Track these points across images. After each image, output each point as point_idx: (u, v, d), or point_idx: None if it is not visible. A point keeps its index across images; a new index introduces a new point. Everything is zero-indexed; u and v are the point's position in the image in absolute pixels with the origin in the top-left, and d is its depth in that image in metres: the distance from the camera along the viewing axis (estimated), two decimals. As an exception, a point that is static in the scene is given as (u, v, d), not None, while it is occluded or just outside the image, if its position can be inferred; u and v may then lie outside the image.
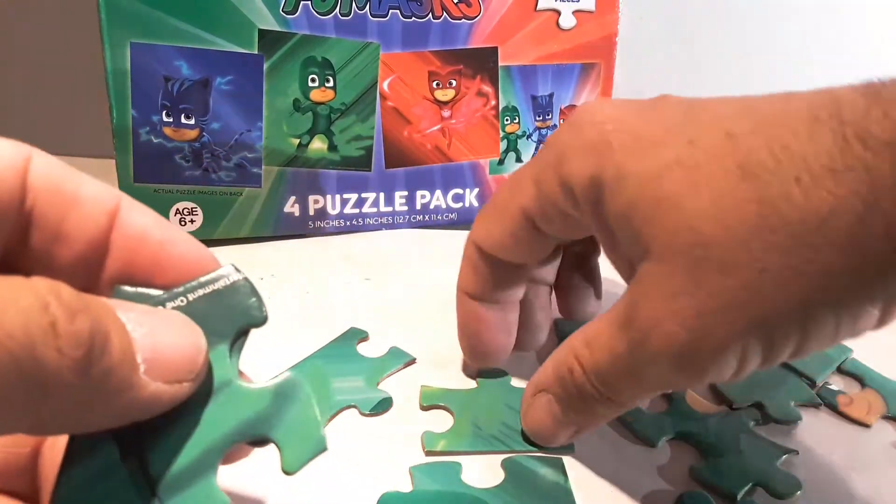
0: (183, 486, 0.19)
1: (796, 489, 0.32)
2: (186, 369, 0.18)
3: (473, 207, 0.59)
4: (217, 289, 0.21)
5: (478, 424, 0.35)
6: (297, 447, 0.21)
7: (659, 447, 0.34)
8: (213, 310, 0.21)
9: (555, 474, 0.32)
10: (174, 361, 0.18)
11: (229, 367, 0.21)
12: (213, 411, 0.20)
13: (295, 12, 0.50)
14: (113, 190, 0.21)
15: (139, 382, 0.17)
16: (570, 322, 0.44)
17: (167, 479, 0.19)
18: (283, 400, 0.21)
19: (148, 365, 0.17)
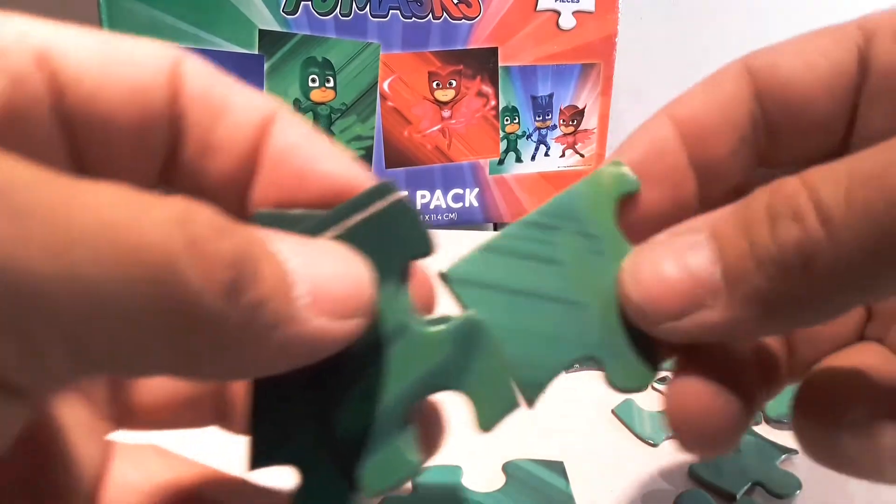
0: (372, 448, 0.18)
1: (795, 489, 0.32)
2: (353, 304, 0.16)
3: (473, 207, 0.59)
4: (375, 212, 0.18)
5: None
6: (491, 402, 0.18)
7: (659, 446, 0.35)
8: (373, 238, 0.18)
9: (556, 478, 0.32)
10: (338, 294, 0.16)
11: (401, 308, 0.18)
12: (393, 361, 0.18)
13: (295, 13, 0.50)
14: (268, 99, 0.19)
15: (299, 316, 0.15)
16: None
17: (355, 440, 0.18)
18: (468, 346, 0.18)
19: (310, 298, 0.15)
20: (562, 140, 0.59)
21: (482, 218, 0.60)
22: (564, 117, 0.58)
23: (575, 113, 0.58)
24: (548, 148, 0.59)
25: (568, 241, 0.19)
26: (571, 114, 0.58)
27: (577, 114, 0.58)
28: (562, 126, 0.58)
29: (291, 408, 0.18)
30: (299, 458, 0.18)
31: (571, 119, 0.58)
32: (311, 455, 0.18)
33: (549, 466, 0.32)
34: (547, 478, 0.32)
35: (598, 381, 0.39)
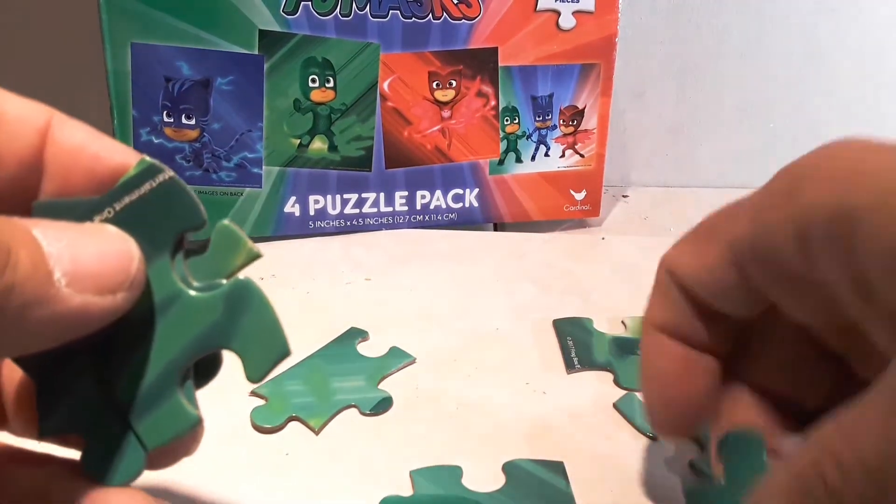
0: (150, 408, 0.19)
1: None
2: (117, 279, 0.18)
3: (473, 207, 0.59)
4: (144, 192, 0.19)
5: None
6: (259, 354, 0.20)
7: (660, 441, 0.35)
8: (144, 216, 0.19)
9: (556, 478, 0.32)
10: (101, 271, 0.17)
11: (174, 278, 0.19)
12: (166, 328, 0.19)
13: (295, 13, 0.50)
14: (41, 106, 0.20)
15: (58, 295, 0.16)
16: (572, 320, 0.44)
17: (133, 399, 0.19)
18: (237, 306, 0.19)
19: (70, 278, 0.16)
20: (562, 140, 0.59)
21: (482, 218, 0.60)
22: (564, 117, 0.58)
23: (575, 113, 0.58)
24: (548, 148, 0.59)
25: None
26: (571, 114, 0.58)
27: (577, 114, 0.58)
28: (562, 126, 0.58)
29: (73, 378, 0.20)
30: (85, 424, 0.20)
31: (571, 119, 0.58)
32: (95, 420, 0.20)
33: (549, 466, 0.32)
34: (547, 478, 0.32)
35: (598, 379, 0.39)
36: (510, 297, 0.48)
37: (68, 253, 0.17)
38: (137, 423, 0.19)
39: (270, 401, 0.36)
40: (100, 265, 0.17)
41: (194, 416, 0.20)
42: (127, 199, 0.19)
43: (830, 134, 0.22)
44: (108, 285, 0.17)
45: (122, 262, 0.18)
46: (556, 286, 0.49)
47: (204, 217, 0.20)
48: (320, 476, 0.32)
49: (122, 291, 0.18)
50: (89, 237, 0.18)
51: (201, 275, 0.20)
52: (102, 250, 0.18)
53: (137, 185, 0.19)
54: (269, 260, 0.52)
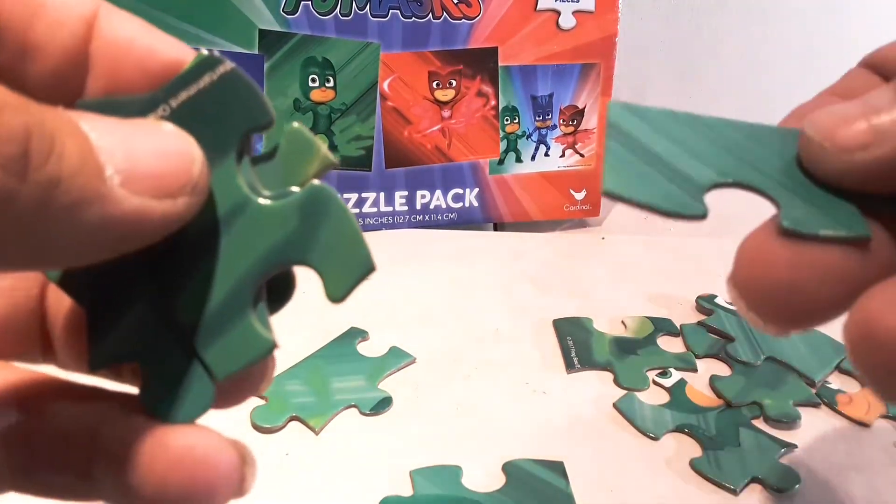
0: (219, 331, 0.17)
1: (795, 483, 0.32)
2: (178, 181, 0.15)
3: (473, 207, 0.59)
4: (203, 87, 0.17)
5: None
6: (341, 269, 0.17)
7: (660, 440, 0.35)
8: (204, 114, 0.17)
9: (556, 478, 0.32)
10: (160, 171, 0.15)
11: (241, 185, 0.17)
12: (234, 240, 0.17)
13: (295, 12, 0.50)
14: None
15: (111, 195, 0.14)
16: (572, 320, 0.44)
17: (197, 323, 0.17)
18: (314, 216, 0.17)
19: (124, 176, 0.14)
20: (562, 140, 0.59)
21: (482, 218, 0.60)
22: (564, 117, 0.58)
23: (575, 113, 0.58)
24: (548, 148, 0.59)
25: None
26: (571, 114, 0.58)
27: (577, 114, 0.58)
28: (562, 126, 0.58)
29: (129, 300, 0.17)
30: (143, 352, 0.17)
31: (571, 119, 0.58)
32: (155, 348, 0.17)
33: (549, 466, 0.32)
34: (547, 478, 0.32)
35: (598, 379, 0.39)
36: (510, 297, 0.48)
37: (122, 148, 0.15)
38: (205, 349, 0.17)
39: (270, 401, 0.36)
40: (158, 164, 0.15)
41: (269, 340, 0.17)
42: (184, 95, 0.17)
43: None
44: (169, 188, 0.15)
45: (183, 162, 0.16)
46: (556, 286, 0.49)
47: (271, 113, 0.17)
48: (320, 476, 0.32)
49: (184, 196, 0.16)
50: (145, 133, 0.16)
51: (271, 183, 0.18)
52: (161, 148, 0.16)
53: (195, 78, 0.17)
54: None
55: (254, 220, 0.17)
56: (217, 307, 0.17)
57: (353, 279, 0.17)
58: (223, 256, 0.17)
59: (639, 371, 0.40)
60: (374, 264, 0.17)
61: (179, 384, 0.17)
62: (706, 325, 0.44)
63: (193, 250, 0.17)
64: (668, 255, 0.56)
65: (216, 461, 0.17)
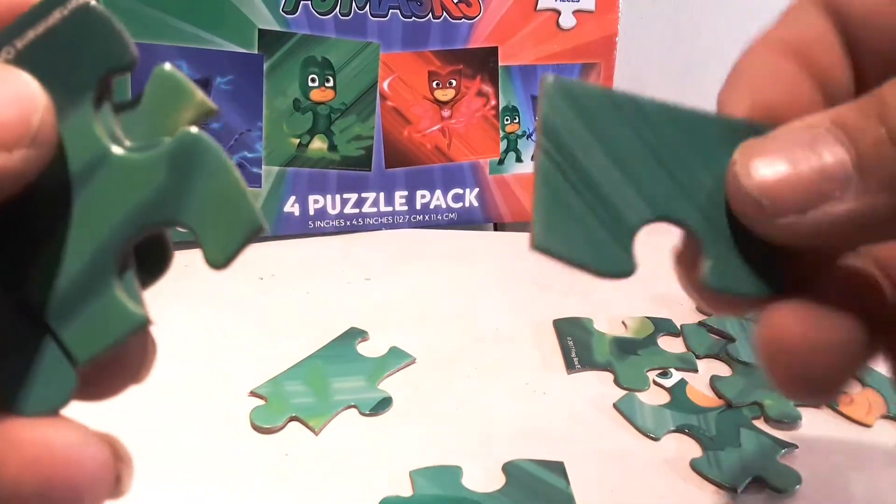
0: (77, 308, 0.14)
1: (795, 483, 0.32)
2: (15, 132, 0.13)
3: (473, 207, 0.59)
4: (53, 24, 0.14)
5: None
6: (221, 230, 0.14)
7: (660, 440, 0.35)
8: (54, 55, 0.14)
9: (556, 478, 0.32)
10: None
11: (100, 135, 0.15)
12: (93, 199, 0.15)
13: (295, 12, 0.50)
14: None
15: None
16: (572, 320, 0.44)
17: (53, 301, 0.15)
18: (187, 168, 0.15)
19: None
20: (562, 140, 0.59)
21: (482, 218, 0.60)
22: (564, 117, 0.58)
23: (575, 113, 0.58)
24: (548, 148, 0.59)
25: None
26: (571, 113, 0.58)
27: (577, 113, 0.58)
28: (562, 126, 0.58)
29: None
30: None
31: (571, 119, 0.58)
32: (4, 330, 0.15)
33: (549, 466, 0.32)
34: (547, 478, 0.32)
35: (598, 379, 0.39)
36: (510, 297, 0.48)
37: None
38: (62, 329, 0.15)
39: (270, 401, 0.36)
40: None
41: (139, 314, 0.15)
42: (31, 34, 0.14)
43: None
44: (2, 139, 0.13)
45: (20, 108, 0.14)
46: (556, 286, 0.49)
47: (133, 53, 0.15)
48: (320, 476, 0.32)
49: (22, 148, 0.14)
50: None
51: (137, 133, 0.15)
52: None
53: (44, 14, 0.14)
54: (269, 260, 0.52)
55: (115, 175, 0.15)
56: (75, 279, 0.15)
57: (237, 240, 0.15)
58: (80, 219, 0.15)
59: (639, 371, 0.40)
60: (262, 222, 0.15)
61: (34, 371, 0.15)
62: (707, 325, 0.44)
63: (45, 214, 0.15)
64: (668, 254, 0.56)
65: (79, 458, 0.14)
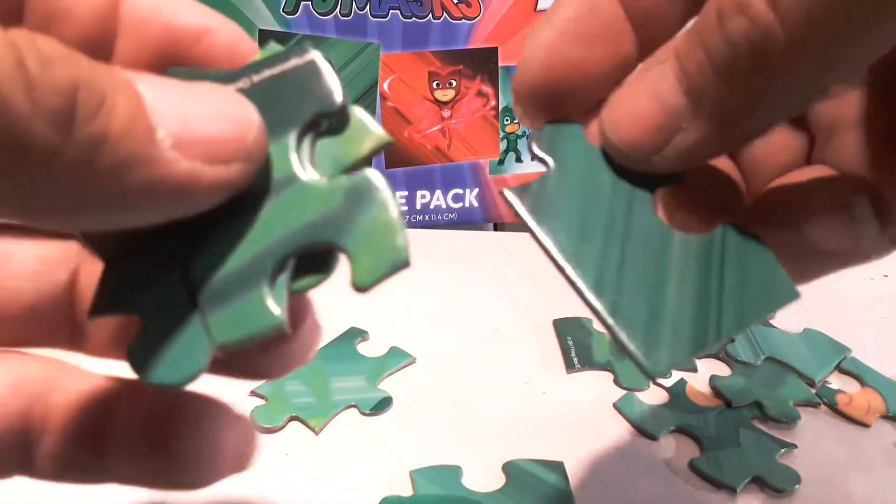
0: (228, 298, 0.16)
1: (795, 483, 0.32)
2: (232, 147, 0.15)
3: (473, 207, 0.59)
4: (288, 68, 0.17)
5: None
6: (373, 258, 0.16)
7: (660, 440, 0.35)
8: (278, 92, 0.17)
9: (556, 478, 0.32)
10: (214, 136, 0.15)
11: (294, 162, 0.17)
12: (272, 211, 0.16)
13: (295, 12, 0.50)
14: None
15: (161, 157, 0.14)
16: (572, 320, 0.44)
17: (210, 286, 0.16)
18: (358, 200, 0.17)
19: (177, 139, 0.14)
20: (562, 140, 0.59)
21: (482, 218, 0.60)
22: (564, 117, 0.58)
23: (575, 113, 0.58)
24: (548, 148, 0.59)
25: None
26: (571, 114, 0.58)
27: (577, 114, 0.59)
28: (562, 126, 0.59)
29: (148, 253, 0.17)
30: (147, 305, 0.16)
31: (571, 119, 0.59)
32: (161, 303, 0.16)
33: (549, 466, 0.32)
34: (547, 478, 0.32)
35: (598, 379, 0.39)
36: (510, 297, 0.48)
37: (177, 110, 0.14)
38: (210, 312, 0.16)
39: (270, 401, 0.36)
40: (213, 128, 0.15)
41: (276, 318, 0.16)
42: (268, 73, 0.17)
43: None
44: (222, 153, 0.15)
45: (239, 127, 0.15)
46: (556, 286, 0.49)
47: (342, 103, 0.17)
48: (320, 476, 0.32)
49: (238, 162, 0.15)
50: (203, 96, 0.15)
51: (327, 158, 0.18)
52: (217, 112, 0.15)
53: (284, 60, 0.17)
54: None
55: (297, 194, 0.17)
56: (234, 272, 0.16)
57: (384, 269, 0.17)
58: (256, 225, 0.16)
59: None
60: (409, 260, 0.17)
61: (174, 344, 0.16)
62: (706, 325, 0.44)
63: (229, 214, 0.16)
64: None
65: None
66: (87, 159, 0.13)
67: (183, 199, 0.15)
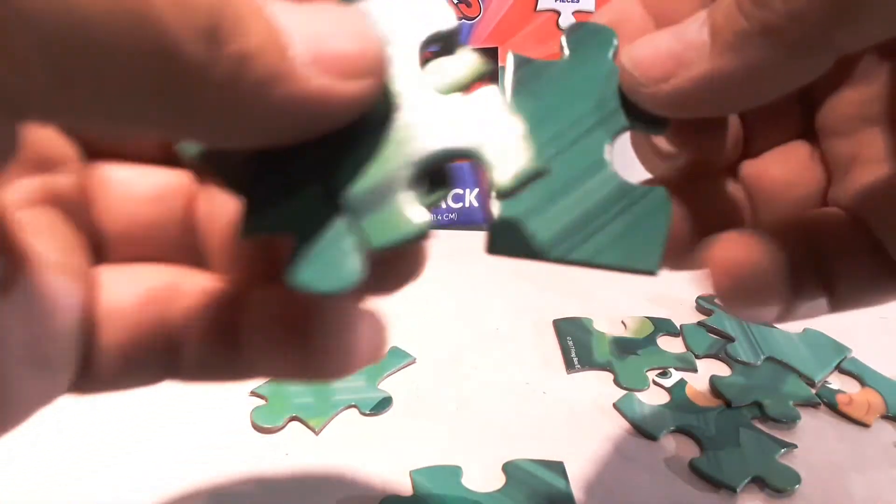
0: (374, 204, 0.17)
1: (795, 483, 0.32)
2: (361, 62, 0.15)
3: (473, 207, 0.59)
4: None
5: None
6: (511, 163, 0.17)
7: (660, 440, 0.35)
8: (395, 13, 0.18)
9: (556, 478, 0.32)
10: (343, 52, 0.15)
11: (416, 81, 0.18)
12: (402, 126, 0.17)
13: (295, 12, 0.50)
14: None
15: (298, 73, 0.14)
16: (572, 320, 0.44)
17: (355, 197, 0.17)
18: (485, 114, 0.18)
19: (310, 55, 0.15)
20: (562, 140, 0.59)
21: (482, 218, 0.60)
22: (564, 117, 0.58)
23: (575, 113, 0.58)
24: (548, 148, 0.59)
25: None
26: (571, 114, 0.58)
27: (577, 114, 0.58)
28: (562, 126, 0.59)
29: (290, 170, 0.17)
30: (298, 220, 0.17)
31: (571, 119, 0.59)
32: (311, 220, 0.17)
33: (549, 466, 0.32)
34: (547, 478, 0.32)
35: (598, 379, 0.40)
36: (510, 297, 0.48)
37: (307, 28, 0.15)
38: (361, 219, 0.17)
39: (270, 401, 0.36)
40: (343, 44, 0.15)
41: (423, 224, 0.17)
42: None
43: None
44: (353, 68, 0.15)
45: (366, 42, 0.16)
46: (556, 286, 0.50)
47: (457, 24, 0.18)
48: (320, 476, 0.32)
49: (367, 77, 0.16)
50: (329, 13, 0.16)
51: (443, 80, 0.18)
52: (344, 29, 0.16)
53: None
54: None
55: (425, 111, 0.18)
56: (378, 182, 0.17)
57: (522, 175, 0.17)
58: (390, 139, 0.17)
59: (639, 371, 0.40)
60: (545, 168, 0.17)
61: (331, 253, 0.17)
62: (706, 325, 0.44)
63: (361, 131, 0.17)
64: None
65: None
66: (232, 77, 0.13)
67: (321, 114, 0.15)
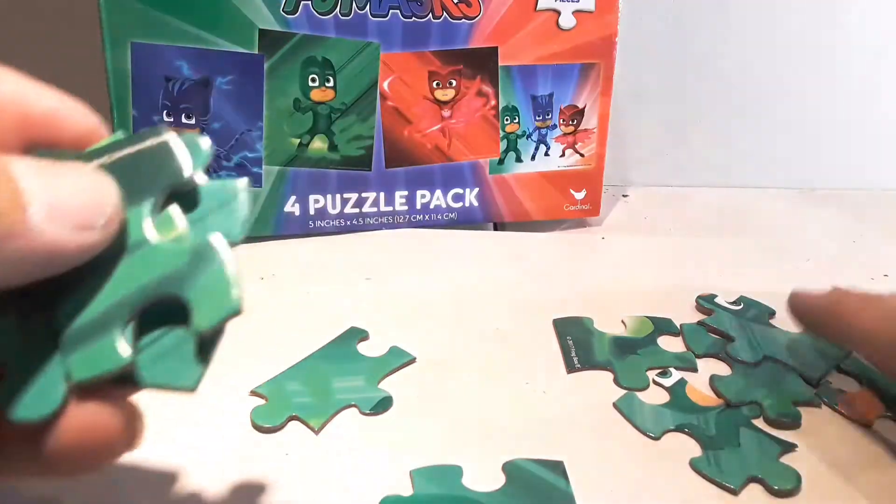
0: (86, 339, 0.19)
1: (795, 483, 0.32)
2: (91, 216, 0.18)
3: (473, 207, 0.59)
4: (145, 147, 0.20)
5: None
6: (211, 306, 0.19)
7: (660, 440, 0.35)
8: (135, 168, 0.20)
9: (556, 478, 0.32)
10: (77, 207, 0.18)
11: (147, 228, 0.20)
12: (125, 268, 0.19)
13: (295, 12, 0.50)
14: None
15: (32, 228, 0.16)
16: (572, 320, 0.44)
17: (70, 332, 0.19)
18: (201, 260, 0.20)
19: (46, 211, 0.17)
20: (562, 140, 0.59)
21: (482, 218, 0.60)
22: (564, 117, 0.58)
23: (575, 113, 0.58)
24: (548, 148, 0.59)
25: None
26: (571, 113, 0.58)
27: (577, 113, 0.58)
28: (562, 126, 0.58)
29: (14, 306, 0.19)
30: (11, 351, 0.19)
31: (571, 119, 0.58)
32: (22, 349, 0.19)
33: (549, 466, 0.32)
34: (547, 478, 0.32)
35: (598, 379, 0.39)
36: (510, 297, 0.48)
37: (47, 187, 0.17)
38: (69, 353, 0.19)
39: (270, 401, 0.36)
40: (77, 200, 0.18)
41: (125, 357, 0.19)
42: (128, 150, 0.20)
43: (831, 134, 0.22)
44: (83, 220, 0.18)
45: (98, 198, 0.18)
46: (556, 286, 0.49)
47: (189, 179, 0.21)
48: (320, 476, 0.32)
49: (96, 229, 0.18)
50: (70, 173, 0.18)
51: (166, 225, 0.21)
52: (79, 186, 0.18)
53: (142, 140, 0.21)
54: (270, 260, 0.52)
55: (147, 255, 0.20)
56: (93, 319, 0.19)
57: (220, 316, 0.19)
58: (114, 279, 0.19)
59: (639, 371, 0.40)
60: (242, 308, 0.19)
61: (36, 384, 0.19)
62: (706, 324, 0.44)
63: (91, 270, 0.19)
64: (668, 255, 0.56)
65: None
66: None
67: (52, 262, 0.17)
